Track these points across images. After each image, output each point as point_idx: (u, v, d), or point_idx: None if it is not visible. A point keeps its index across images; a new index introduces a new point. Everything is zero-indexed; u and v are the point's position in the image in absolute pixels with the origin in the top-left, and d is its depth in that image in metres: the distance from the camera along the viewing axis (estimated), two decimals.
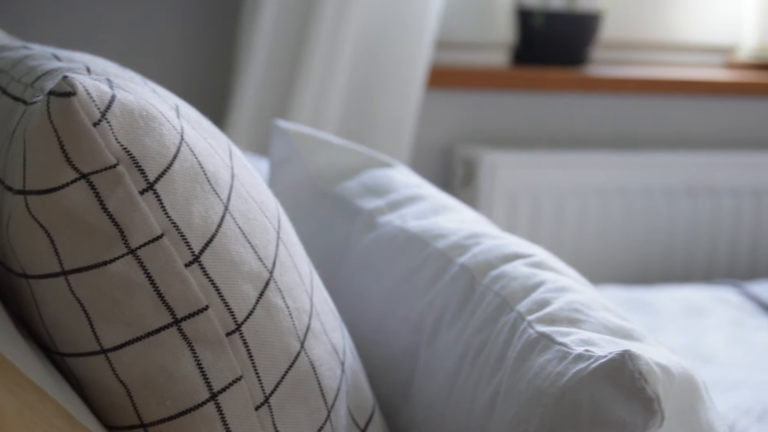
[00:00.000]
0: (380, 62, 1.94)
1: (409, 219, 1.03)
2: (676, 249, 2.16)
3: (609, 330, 0.83)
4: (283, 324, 0.78)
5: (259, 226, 0.79)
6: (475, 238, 0.98)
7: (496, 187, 2.04)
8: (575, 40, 2.14)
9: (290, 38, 1.89)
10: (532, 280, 0.89)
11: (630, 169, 2.12)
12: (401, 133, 1.96)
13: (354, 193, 1.11)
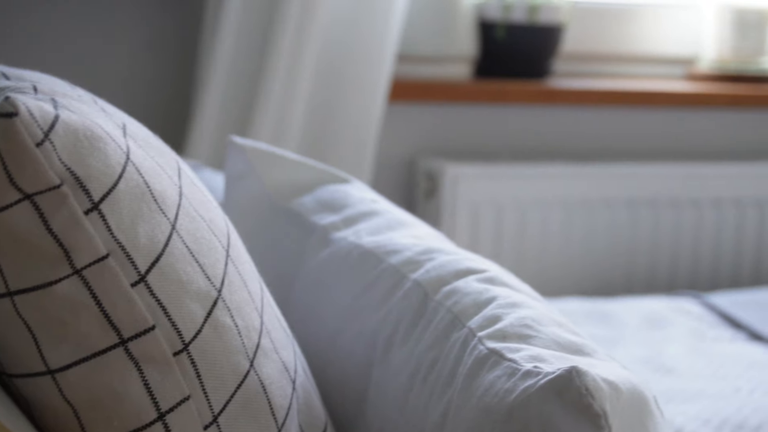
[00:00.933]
0: (342, 76, 1.94)
1: (364, 235, 1.03)
2: (639, 260, 2.17)
3: (559, 345, 0.83)
4: (231, 343, 0.78)
5: (208, 245, 0.79)
6: (428, 254, 0.98)
7: (459, 200, 2.04)
8: (537, 52, 2.14)
9: (252, 52, 1.89)
10: (483, 296, 0.89)
11: (592, 181, 2.12)
12: (364, 147, 1.96)
13: (309, 209, 1.11)
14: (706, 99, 2.21)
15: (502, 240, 2.08)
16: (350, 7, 1.93)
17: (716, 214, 2.20)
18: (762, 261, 2.24)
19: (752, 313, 1.85)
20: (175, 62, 1.97)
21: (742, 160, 2.27)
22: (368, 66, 1.94)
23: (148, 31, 1.95)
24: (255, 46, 1.89)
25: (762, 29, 2.27)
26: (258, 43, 1.89)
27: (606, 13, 2.31)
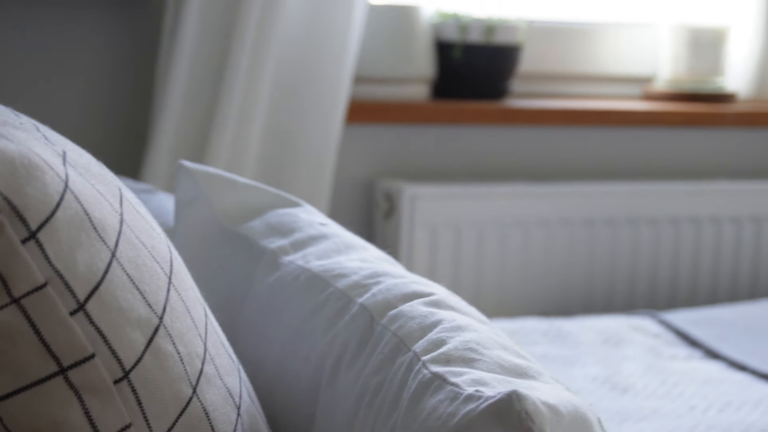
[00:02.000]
0: (300, 98, 1.94)
1: (312, 259, 1.04)
2: (597, 279, 2.18)
3: (503, 369, 0.83)
4: (173, 370, 0.78)
5: (149, 272, 0.79)
6: (375, 277, 0.98)
7: (417, 220, 2.05)
8: (494, 72, 2.15)
9: (208, 75, 1.89)
10: (429, 320, 0.89)
11: (550, 201, 2.13)
12: (322, 168, 1.96)
13: (259, 232, 1.11)
14: (662, 118, 2.22)
15: (461, 260, 2.08)
16: (307, 28, 1.93)
17: (673, 232, 2.21)
18: (719, 278, 2.26)
19: (708, 331, 1.86)
20: (133, 86, 1.96)
21: (698, 178, 2.29)
22: (326, 87, 1.94)
23: (106, 54, 1.94)
24: (211, 69, 1.89)
25: (717, 48, 2.29)
26: (214, 67, 1.89)
27: (563, 33, 2.32)
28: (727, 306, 2.04)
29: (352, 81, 2.03)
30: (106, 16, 1.94)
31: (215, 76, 1.89)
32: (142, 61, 1.96)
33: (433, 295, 0.94)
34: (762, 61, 2.35)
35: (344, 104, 1.96)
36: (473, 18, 2.12)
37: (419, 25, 2.09)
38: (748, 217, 2.26)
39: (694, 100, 2.27)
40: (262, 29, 1.86)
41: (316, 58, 1.94)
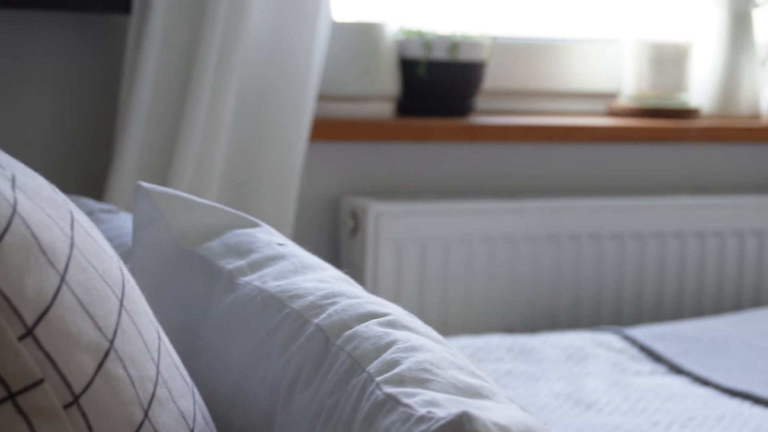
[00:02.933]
0: (264, 116, 1.94)
1: (269, 279, 1.03)
2: (563, 295, 2.18)
3: (457, 389, 0.83)
4: (124, 394, 0.78)
5: (100, 296, 0.79)
6: (332, 298, 0.98)
7: (383, 238, 2.05)
8: (459, 89, 2.16)
9: (171, 94, 1.89)
10: (384, 340, 0.89)
11: (516, 217, 2.14)
12: (287, 187, 1.96)
13: (216, 253, 1.10)
14: (626, 134, 2.23)
15: (427, 277, 2.08)
16: (270, 46, 1.93)
17: (638, 248, 2.22)
18: (684, 293, 2.27)
19: (672, 346, 1.87)
20: (98, 105, 1.96)
21: (662, 193, 2.30)
22: (290, 106, 1.94)
23: (71, 74, 1.94)
24: (174, 89, 1.89)
25: (680, 64, 2.31)
26: (177, 86, 1.89)
27: (527, 49, 2.33)
28: (691, 321, 2.05)
29: (317, 99, 2.03)
30: (71, 35, 1.93)
31: (179, 96, 1.89)
32: (106, 80, 1.96)
33: (389, 316, 0.94)
34: (724, 77, 2.37)
35: (309, 122, 1.96)
36: (437, 35, 2.13)
37: (383, 42, 2.10)
38: (711, 232, 2.27)
39: (657, 116, 2.28)
40: (226, 48, 1.86)
41: (280, 76, 1.94)
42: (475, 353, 1.81)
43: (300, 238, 2.07)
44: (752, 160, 2.42)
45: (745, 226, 2.29)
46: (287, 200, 1.96)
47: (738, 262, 2.30)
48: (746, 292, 2.31)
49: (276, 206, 1.96)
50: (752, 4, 2.37)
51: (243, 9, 1.86)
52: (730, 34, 2.36)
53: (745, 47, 2.37)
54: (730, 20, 2.36)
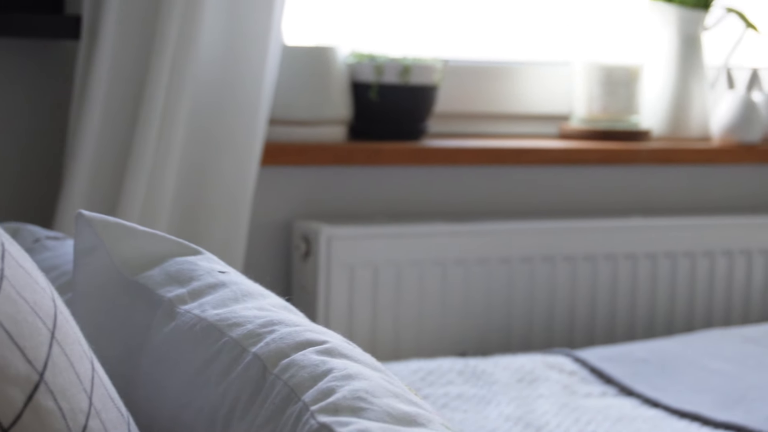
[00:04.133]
0: (215, 141, 1.94)
1: (209, 308, 1.03)
2: (515, 318, 2.19)
3: (392, 417, 0.83)
4: (54, 426, 0.77)
5: (30, 328, 0.78)
6: (270, 326, 0.97)
7: (335, 261, 2.05)
8: (411, 112, 2.16)
9: (121, 120, 1.88)
10: (320, 369, 0.89)
11: (468, 240, 2.14)
12: (239, 211, 1.95)
13: (157, 282, 1.10)
14: (577, 156, 2.25)
15: (379, 300, 2.08)
16: (221, 70, 1.93)
17: (590, 269, 2.23)
18: (636, 315, 2.28)
19: (623, 368, 1.88)
20: (48, 132, 1.95)
21: (613, 215, 2.31)
22: (241, 130, 1.94)
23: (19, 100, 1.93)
24: (124, 114, 1.88)
25: (631, 86, 2.32)
26: (127, 111, 1.88)
27: (479, 72, 2.34)
28: (642, 342, 2.06)
29: (269, 123, 2.03)
30: (20, 61, 1.93)
31: (129, 120, 1.88)
32: (56, 106, 1.95)
33: (327, 344, 0.94)
34: (674, 99, 2.39)
35: (260, 146, 1.96)
36: (389, 58, 2.14)
37: (335, 66, 2.10)
38: (663, 253, 2.28)
39: (608, 138, 2.30)
40: (176, 73, 1.86)
41: (231, 100, 1.94)
42: (426, 377, 1.82)
43: (252, 262, 2.07)
44: (702, 181, 2.44)
45: (695, 247, 2.31)
46: (239, 224, 1.95)
47: (689, 283, 2.31)
48: (698, 313, 2.32)
49: (228, 231, 1.95)
50: (701, 27, 2.40)
51: (192, 33, 1.85)
52: (680, 57, 2.39)
53: (694, 70, 2.39)
54: (679, 43, 2.38)
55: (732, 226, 2.34)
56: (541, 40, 2.46)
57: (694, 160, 2.34)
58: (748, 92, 2.40)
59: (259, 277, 2.10)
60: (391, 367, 1.86)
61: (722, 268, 2.33)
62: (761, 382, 1.84)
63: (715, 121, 2.40)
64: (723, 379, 1.85)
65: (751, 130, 2.37)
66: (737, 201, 2.48)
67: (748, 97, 2.37)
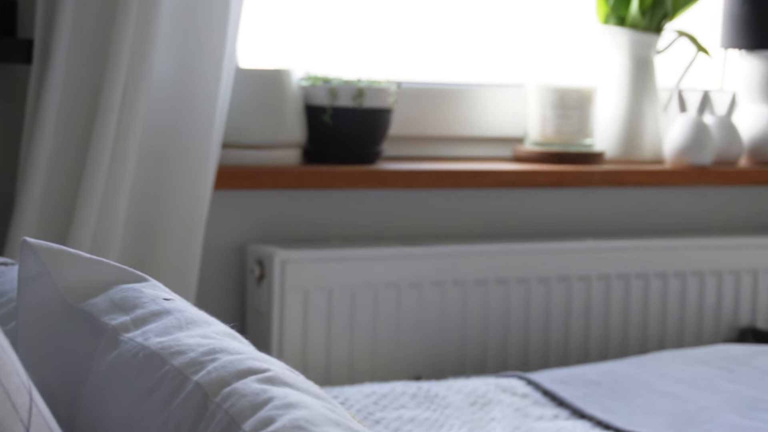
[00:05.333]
0: (168, 164, 1.93)
1: (152, 336, 1.03)
2: (470, 341, 2.19)
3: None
4: None
5: None
6: (213, 354, 0.97)
7: (289, 285, 2.04)
8: (365, 136, 2.17)
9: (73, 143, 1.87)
10: (261, 397, 0.89)
11: (422, 263, 2.15)
12: (193, 235, 1.95)
13: (101, 309, 1.09)
14: (531, 179, 2.26)
15: (333, 324, 2.08)
16: (174, 93, 1.93)
17: (544, 292, 2.24)
18: (589, 337, 2.28)
19: (575, 390, 1.89)
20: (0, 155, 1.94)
21: (567, 237, 2.32)
22: (195, 153, 1.94)
23: None
24: (76, 137, 1.87)
25: (584, 109, 2.34)
26: (80, 135, 1.87)
27: (433, 95, 2.35)
28: (595, 364, 2.07)
29: (223, 146, 2.02)
30: None
31: (81, 145, 1.87)
32: (7, 130, 1.94)
33: (268, 372, 0.94)
34: (627, 122, 2.41)
35: (214, 170, 1.96)
36: (343, 81, 2.14)
37: (289, 89, 2.10)
38: (616, 275, 2.30)
39: (562, 161, 2.31)
40: (128, 96, 1.85)
41: (184, 123, 1.93)
42: (379, 400, 1.81)
43: (206, 286, 2.07)
44: (655, 203, 2.45)
45: (648, 269, 2.32)
46: (193, 249, 1.95)
47: (642, 305, 2.32)
48: (651, 334, 2.34)
49: (182, 254, 1.95)
50: (653, 50, 2.42)
51: (146, 56, 1.85)
52: (633, 80, 2.40)
53: (647, 92, 2.41)
54: (632, 66, 2.40)
55: (684, 248, 2.36)
56: (495, 63, 2.47)
57: (646, 183, 2.35)
58: (699, 115, 2.42)
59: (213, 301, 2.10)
60: (345, 390, 1.86)
61: (675, 289, 2.35)
62: (711, 403, 1.85)
63: (668, 144, 2.42)
64: (674, 400, 1.86)
65: (703, 152, 2.39)
66: (689, 223, 2.50)
67: (699, 120, 2.39)
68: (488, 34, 2.47)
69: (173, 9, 1.90)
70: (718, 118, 2.46)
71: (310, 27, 2.34)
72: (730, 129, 2.47)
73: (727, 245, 2.40)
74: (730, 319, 2.41)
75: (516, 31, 2.50)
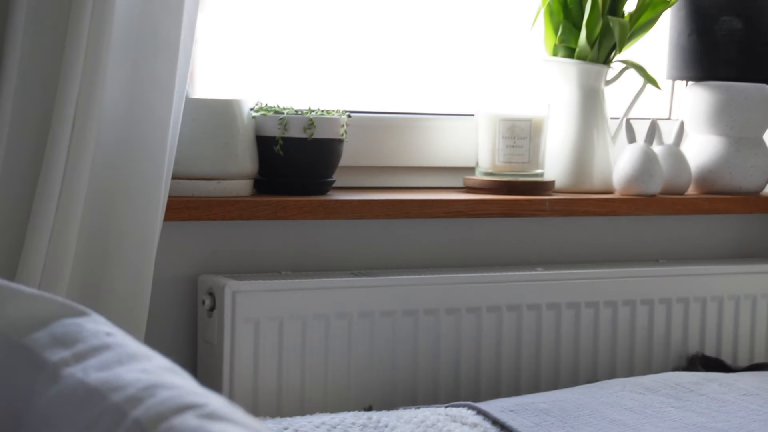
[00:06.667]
0: (118, 197, 1.92)
1: (92, 371, 1.03)
2: (421, 371, 2.19)
3: None
4: None
5: None
6: (152, 389, 0.97)
7: (239, 315, 2.04)
8: (316, 166, 2.17)
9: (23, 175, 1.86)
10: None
11: (373, 293, 2.15)
12: (143, 267, 1.94)
13: (42, 344, 1.09)
14: (481, 208, 2.27)
15: (284, 354, 2.08)
16: (124, 125, 1.92)
17: (495, 321, 2.25)
18: (540, 365, 2.29)
19: (524, 419, 1.89)
20: None
21: (517, 267, 2.34)
22: (145, 185, 1.93)
23: None
24: (26, 169, 1.86)
25: (533, 139, 2.36)
26: (29, 166, 1.86)
27: (385, 124, 2.37)
28: (544, 393, 2.08)
29: (173, 177, 2.02)
30: None
31: (31, 176, 1.86)
32: None
33: (207, 407, 0.94)
34: (577, 151, 2.43)
35: (164, 201, 1.95)
36: (294, 111, 2.15)
37: (240, 119, 2.11)
38: (566, 304, 2.31)
39: (512, 190, 2.33)
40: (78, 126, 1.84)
41: (134, 154, 1.93)
42: (329, 431, 1.82)
43: (158, 317, 2.06)
44: (605, 232, 2.48)
45: (598, 297, 2.34)
46: (144, 280, 1.94)
47: (592, 334, 2.34)
48: (601, 362, 2.35)
49: (133, 286, 1.94)
50: (602, 81, 2.44)
51: (95, 85, 1.84)
52: (581, 110, 2.43)
53: (596, 122, 2.44)
54: (580, 96, 2.43)
55: (634, 277, 2.38)
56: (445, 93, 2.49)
57: (596, 212, 2.37)
58: (647, 144, 2.44)
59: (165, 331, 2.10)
60: (295, 421, 1.86)
61: (625, 317, 2.37)
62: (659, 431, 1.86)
63: (617, 173, 2.44)
64: (623, 428, 1.88)
65: (651, 181, 2.42)
66: (638, 252, 2.52)
67: (647, 149, 2.42)
68: (439, 64, 2.50)
69: (123, 37, 1.90)
70: (666, 147, 2.49)
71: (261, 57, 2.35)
72: (679, 158, 2.49)
73: (676, 273, 2.42)
74: (679, 346, 2.43)
75: (466, 61, 2.52)
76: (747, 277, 2.50)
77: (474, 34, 2.53)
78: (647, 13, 2.44)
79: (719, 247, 2.63)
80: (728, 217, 2.63)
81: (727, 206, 2.53)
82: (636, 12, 2.43)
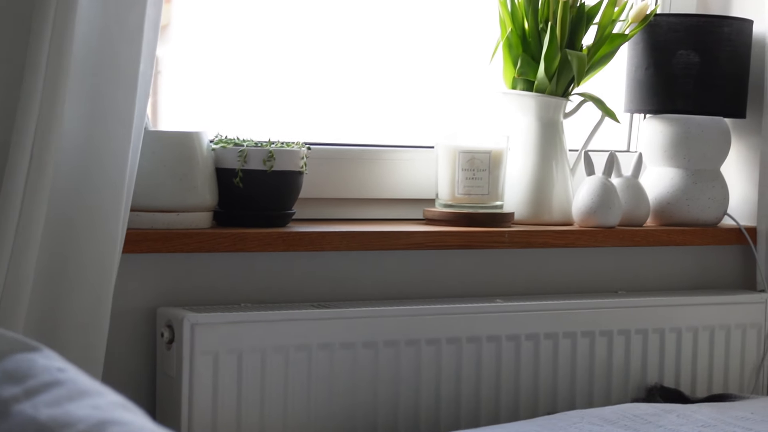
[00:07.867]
0: (76, 229, 1.92)
1: (42, 407, 1.02)
2: (381, 402, 2.19)
3: None
4: None
5: None
6: (102, 425, 0.97)
7: (198, 348, 2.04)
8: (276, 198, 2.17)
9: None
10: None
11: (333, 324, 2.15)
12: (102, 299, 1.93)
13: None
14: (441, 240, 2.27)
15: (244, 387, 2.07)
16: (82, 156, 1.92)
17: (454, 352, 2.25)
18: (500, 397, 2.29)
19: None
20: None
21: (476, 298, 2.34)
22: (104, 217, 1.93)
23: None
24: None
25: (493, 171, 2.37)
26: None
27: (345, 157, 2.37)
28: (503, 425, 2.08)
29: (132, 209, 2.02)
30: None
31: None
32: None
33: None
34: (535, 183, 2.44)
35: (123, 233, 1.95)
36: (253, 143, 2.15)
37: (200, 151, 2.11)
38: (525, 336, 2.32)
39: (471, 222, 2.33)
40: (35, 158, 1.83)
41: (92, 186, 1.92)
42: None
43: (116, 349, 2.05)
44: (564, 264, 2.49)
45: (557, 329, 2.35)
46: (102, 312, 1.93)
47: (552, 365, 2.35)
48: (560, 394, 2.36)
49: (91, 319, 1.93)
50: (561, 114, 2.46)
51: (53, 117, 1.84)
52: (540, 143, 2.44)
53: (554, 155, 2.45)
54: (539, 129, 2.44)
55: (592, 308, 2.39)
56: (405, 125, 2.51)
57: (554, 244, 2.39)
58: (606, 176, 2.46)
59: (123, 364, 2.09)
60: None
61: (584, 349, 2.38)
62: None
63: (575, 205, 2.46)
64: None
65: (610, 213, 2.43)
66: (597, 283, 2.53)
67: (606, 181, 2.44)
68: (399, 96, 2.51)
69: (81, 68, 1.89)
70: (624, 179, 2.51)
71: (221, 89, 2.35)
72: (637, 190, 2.51)
73: (635, 305, 2.44)
74: (638, 377, 2.44)
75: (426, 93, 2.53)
76: (705, 309, 2.52)
77: (434, 67, 2.55)
78: (605, 47, 2.46)
79: (678, 278, 2.65)
80: (686, 249, 2.65)
81: (685, 238, 2.55)
82: (594, 45, 2.46)
